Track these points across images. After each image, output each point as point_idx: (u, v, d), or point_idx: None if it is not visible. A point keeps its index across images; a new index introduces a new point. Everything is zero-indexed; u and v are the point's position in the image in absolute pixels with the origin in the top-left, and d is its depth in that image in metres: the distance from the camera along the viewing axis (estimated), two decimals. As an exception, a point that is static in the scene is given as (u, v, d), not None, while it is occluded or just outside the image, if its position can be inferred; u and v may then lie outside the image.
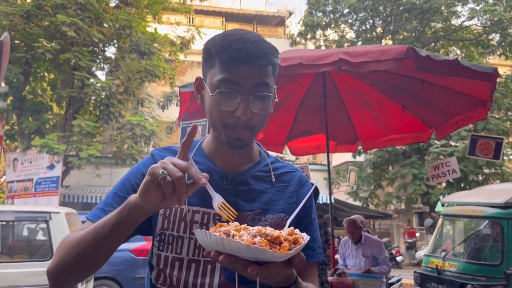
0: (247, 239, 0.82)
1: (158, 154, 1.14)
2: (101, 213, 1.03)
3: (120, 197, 1.06)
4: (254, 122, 1.04)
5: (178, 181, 0.84)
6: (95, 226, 0.93)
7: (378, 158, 16.32)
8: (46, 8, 11.70)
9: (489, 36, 16.52)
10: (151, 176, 0.85)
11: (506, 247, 5.59)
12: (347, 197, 17.58)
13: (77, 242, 0.94)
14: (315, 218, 1.19)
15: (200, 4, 18.92)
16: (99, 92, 12.73)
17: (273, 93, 1.07)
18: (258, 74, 1.02)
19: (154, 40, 13.56)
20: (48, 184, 11.72)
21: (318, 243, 1.17)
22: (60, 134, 12.09)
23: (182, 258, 1.05)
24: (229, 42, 1.02)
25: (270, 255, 0.82)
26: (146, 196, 0.86)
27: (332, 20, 17.72)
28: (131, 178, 1.10)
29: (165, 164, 0.86)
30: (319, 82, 4.39)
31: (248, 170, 1.13)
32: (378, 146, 5.75)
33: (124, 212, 0.90)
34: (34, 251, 5.79)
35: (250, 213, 1.07)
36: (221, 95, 1.02)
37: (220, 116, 1.03)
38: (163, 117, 14.38)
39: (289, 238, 0.87)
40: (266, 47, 1.03)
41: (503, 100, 14.83)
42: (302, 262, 0.89)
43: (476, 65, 3.46)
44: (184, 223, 1.06)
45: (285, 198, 1.13)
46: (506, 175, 14.90)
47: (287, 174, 1.18)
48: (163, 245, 1.07)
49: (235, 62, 1.00)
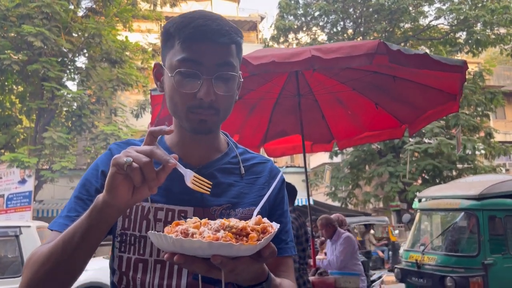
0: (208, 236, 0.73)
1: (116, 149, 1.05)
2: (66, 221, 0.94)
3: (83, 200, 0.97)
4: (218, 105, 0.96)
5: (145, 166, 0.76)
6: (64, 236, 0.84)
7: (354, 158, 16.49)
8: (11, 18, 11.41)
9: (456, 34, 16.96)
10: (116, 167, 0.76)
11: (482, 238, 5.69)
12: (326, 198, 17.68)
13: (47, 257, 0.84)
14: (287, 210, 1.13)
15: (171, 11, 18.78)
16: (71, 103, 12.48)
17: (238, 75, 1.00)
18: (221, 53, 0.95)
19: (125, 48, 13.39)
20: (20, 200, 11.36)
21: (291, 237, 1.11)
22: (31, 147, 11.76)
23: (146, 260, 0.97)
24: (189, 19, 0.96)
25: (237, 249, 0.72)
26: (114, 191, 0.77)
27: (303, 23, 17.88)
28: (90, 177, 1.02)
29: (128, 152, 0.78)
30: (292, 82, 4.38)
31: (214, 162, 1.06)
32: (353, 144, 5.77)
33: (93, 214, 0.81)
34: (5, 267, 5.57)
35: (218, 208, 1.00)
36: (181, 76, 0.95)
37: (182, 99, 0.95)
38: (138, 126, 14.19)
39: (257, 228, 0.77)
40: (229, 25, 0.98)
41: (472, 96, 15.23)
42: (273, 254, 0.79)
43: (445, 58, 3.51)
44: (146, 222, 0.98)
45: (256, 191, 1.06)
46: (478, 169, 15.26)
47: (258, 165, 1.11)
48: (125, 246, 0.99)
49: (195, 40, 0.94)
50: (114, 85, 12.83)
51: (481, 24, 15.71)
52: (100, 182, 1.00)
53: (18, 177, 11.44)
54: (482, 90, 16.00)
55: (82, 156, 14.15)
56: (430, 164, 14.51)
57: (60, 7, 11.45)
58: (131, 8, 13.77)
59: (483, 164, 16.03)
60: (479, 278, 5.45)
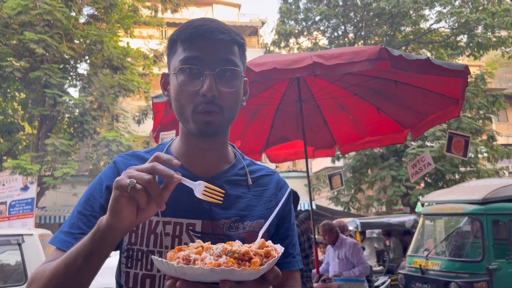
0: (210, 262, 0.73)
1: (122, 161, 1.04)
2: (68, 238, 0.93)
3: (86, 216, 0.96)
4: (222, 102, 0.95)
5: (149, 184, 0.75)
6: (66, 258, 0.82)
7: (357, 162, 16.44)
8: (13, 26, 11.44)
9: (457, 37, 16.94)
10: (118, 189, 0.75)
11: (487, 242, 5.65)
12: (328, 202, 17.63)
13: (48, 280, 0.83)
14: (294, 223, 1.12)
15: (172, 17, 18.86)
16: (72, 109, 12.49)
17: (241, 73, 1.00)
18: (222, 49, 0.96)
19: (127, 55, 13.41)
20: (22, 206, 11.35)
21: (297, 250, 1.10)
22: (33, 154, 11.77)
23: (153, 275, 0.96)
24: (189, 22, 0.98)
25: (239, 275, 0.72)
26: (118, 215, 0.76)
27: (304, 28, 17.89)
28: (94, 193, 1.00)
29: (130, 172, 0.77)
30: (294, 87, 4.37)
31: (222, 174, 1.04)
32: (355, 149, 5.76)
33: (96, 238, 0.79)
34: (7, 276, 5.55)
35: (227, 221, 0.99)
36: (184, 74, 0.95)
37: (186, 99, 0.95)
38: (139, 132, 14.19)
39: (260, 252, 0.77)
40: (228, 27, 1.00)
41: (474, 99, 15.18)
42: (278, 278, 0.78)
43: (447, 63, 3.50)
44: (154, 236, 0.97)
45: (263, 203, 1.05)
46: (481, 172, 15.19)
47: (264, 178, 1.10)
48: (131, 262, 0.97)
49: (195, 38, 0.95)
50: (115, 91, 12.83)
51: (482, 27, 15.68)
52: (104, 197, 0.99)
53: (20, 184, 11.44)
54: (484, 93, 15.96)
55: (84, 163, 14.15)
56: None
57: (62, 14, 11.49)
58: (132, 15, 13.80)
59: (486, 167, 15.96)
60: (483, 283, 5.42)
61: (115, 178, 0.99)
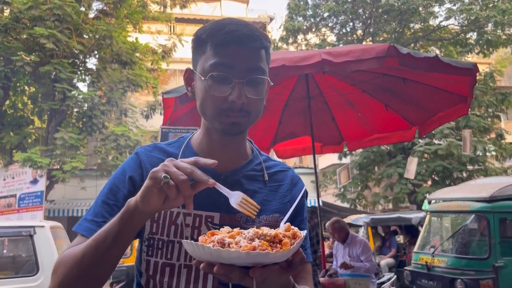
0: (245, 245, 0.76)
1: (144, 153, 1.08)
2: (92, 226, 0.97)
3: (109, 205, 1.00)
4: (249, 107, 0.99)
5: (182, 184, 0.80)
6: (96, 239, 0.87)
7: (364, 159, 16.41)
8: (24, 21, 11.53)
9: (466, 35, 16.82)
10: (152, 180, 0.80)
11: (493, 240, 5.66)
12: (335, 199, 17.63)
13: (79, 259, 0.88)
14: (306, 217, 1.17)
15: (181, 12, 18.89)
16: (82, 103, 12.58)
17: (267, 79, 1.03)
18: (252, 57, 0.98)
19: (136, 50, 13.47)
20: (32, 199, 11.47)
21: (309, 243, 1.14)
22: (42, 147, 11.89)
23: (173, 264, 1.00)
24: (221, 25, 0.99)
25: (273, 257, 0.75)
26: (147, 200, 0.82)
27: (312, 24, 17.85)
28: (118, 183, 1.04)
29: (167, 166, 0.81)
30: (302, 84, 4.40)
31: (240, 169, 1.08)
32: (363, 146, 5.78)
33: (125, 218, 0.85)
34: (19, 267, 5.66)
35: (244, 215, 1.02)
36: (213, 80, 0.97)
37: (214, 102, 0.98)
38: (147, 127, 14.27)
39: (288, 234, 0.81)
40: (258, 31, 1.01)
41: (483, 97, 15.08)
42: (303, 260, 0.82)
43: (456, 61, 3.51)
44: (174, 227, 1.01)
45: (278, 198, 1.09)
46: (489, 170, 15.12)
47: (280, 173, 1.14)
48: (152, 250, 1.02)
49: (228, 44, 0.96)
50: (124, 86, 12.90)
51: (492, 24, 15.56)
52: (127, 188, 1.02)
53: (30, 177, 11.55)
54: (493, 91, 15.84)
55: (93, 157, 14.27)
56: (440, 165, 14.40)
57: (72, 9, 11.56)
58: (141, 10, 13.84)
59: (494, 166, 15.88)
60: (489, 281, 5.43)
61: (138, 169, 1.04)
